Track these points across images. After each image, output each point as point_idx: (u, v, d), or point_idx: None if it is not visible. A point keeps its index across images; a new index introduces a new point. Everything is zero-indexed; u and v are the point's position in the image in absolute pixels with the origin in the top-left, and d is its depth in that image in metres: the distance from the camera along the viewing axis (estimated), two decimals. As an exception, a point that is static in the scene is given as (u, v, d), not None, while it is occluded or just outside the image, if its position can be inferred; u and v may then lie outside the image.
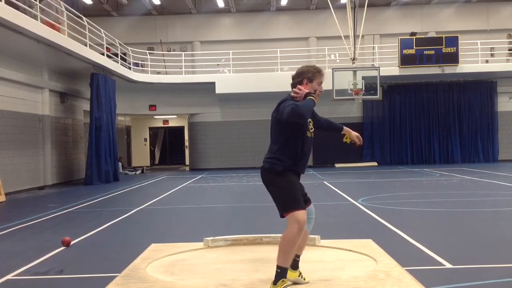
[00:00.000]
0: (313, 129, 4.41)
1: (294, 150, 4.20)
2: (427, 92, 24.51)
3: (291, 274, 4.21)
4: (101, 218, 9.56)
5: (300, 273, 4.36)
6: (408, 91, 24.54)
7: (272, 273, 4.13)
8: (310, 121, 4.35)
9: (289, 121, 4.05)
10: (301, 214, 4.05)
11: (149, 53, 23.68)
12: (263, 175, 4.28)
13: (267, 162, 4.25)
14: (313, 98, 4.15)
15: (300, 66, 4.51)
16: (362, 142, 4.78)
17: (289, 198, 4.12)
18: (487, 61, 23.93)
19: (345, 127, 4.80)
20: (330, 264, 4.89)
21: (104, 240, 7.47)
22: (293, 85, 4.33)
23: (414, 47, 22.56)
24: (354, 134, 4.79)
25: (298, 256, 4.36)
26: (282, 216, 4.15)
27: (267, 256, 5.04)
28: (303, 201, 4.28)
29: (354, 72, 20.67)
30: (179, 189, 15.25)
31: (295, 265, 4.30)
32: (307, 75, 4.31)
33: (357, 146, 4.82)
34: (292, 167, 4.20)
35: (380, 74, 20.92)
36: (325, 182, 15.95)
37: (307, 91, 4.19)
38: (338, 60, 25.21)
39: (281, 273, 4.06)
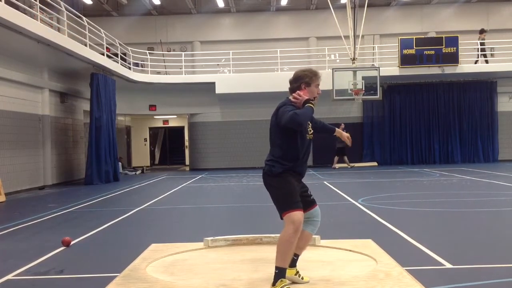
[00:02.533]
0: (312, 131, 4.47)
1: (293, 152, 4.27)
2: (427, 92, 24.50)
3: (288, 272, 4.22)
4: (101, 218, 9.56)
5: (297, 272, 4.37)
6: (408, 91, 24.52)
7: (272, 273, 4.13)
8: (309, 124, 4.42)
9: (288, 127, 4.14)
10: (296, 214, 4.09)
11: (149, 53, 23.68)
12: (263, 178, 4.36)
13: (266, 165, 4.33)
14: (312, 106, 4.22)
15: (299, 66, 4.56)
16: (351, 143, 4.88)
17: (285, 199, 4.18)
18: (487, 61, 23.92)
19: (337, 129, 4.87)
20: (330, 264, 4.89)
21: (104, 240, 7.47)
22: (291, 90, 4.38)
23: (414, 47, 22.56)
24: (345, 135, 4.86)
25: (297, 256, 4.38)
26: (281, 217, 4.19)
27: (267, 256, 5.04)
28: (308, 203, 4.35)
29: (354, 72, 20.69)
30: (179, 189, 15.25)
31: (292, 263, 4.31)
32: (304, 79, 4.35)
33: (348, 147, 4.96)
34: (292, 169, 4.27)
35: (380, 74, 20.93)
36: (325, 182, 15.95)
37: (306, 97, 4.26)
38: (338, 60, 25.22)
39: (279, 274, 4.09)
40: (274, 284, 4.07)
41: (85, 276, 5.36)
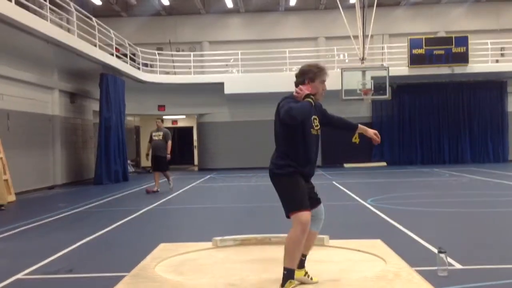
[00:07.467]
0: (319, 126, 4.34)
1: (296, 149, 4.19)
2: (437, 92, 24.38)
3: (296, 273, 4.19)
4: (111, 217, 9.59)
5: (306, 272, 4.33)
6: (417, 91, 24.40)
7: (281, 273, 4.12)
8: (316, 118, 4.31)
9: (285, 122, 4.07)
10: (304, 215, 4.03)
11: (158, 53, 23.73)
12: (270, 177, 4.29)
13: (271, 164, 4.28)
14: (311, 100, 4.11)
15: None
16: (379, 139, 4.64)
17: (292, 199, 4.11)
18: (497, 61, 23.74)
19: (360, 125, 4.67)
20: (339, 264, 4.87)
21: (114, 240, 7.49)
22: (296, 84, 4.30)
23: (424, 47, 22.45)
24: (371, 131, 4.63)
25: (304, 256, 4.33)
26: (287, 216, 4.15)
27: (276, 256, 5.03)
28: (313, 201, 4.28)
29: (363, 72, 20.61)
30: (188, 189, 15.28)
31: (300, 264, 4.27)
32: (308, 74, 4.26)
33: (375, 143, 4.73)
34: (296, 167, 4.18)
35: (389, 74, 20.84)
36: (334, 182, 15.91)
37: (307, 92, 4.14)
38: (347, 60, 25.13)
39: (288, 275, 4.05)
40: (283, 285, 4.03)
41: (94, 276, 5.38)
